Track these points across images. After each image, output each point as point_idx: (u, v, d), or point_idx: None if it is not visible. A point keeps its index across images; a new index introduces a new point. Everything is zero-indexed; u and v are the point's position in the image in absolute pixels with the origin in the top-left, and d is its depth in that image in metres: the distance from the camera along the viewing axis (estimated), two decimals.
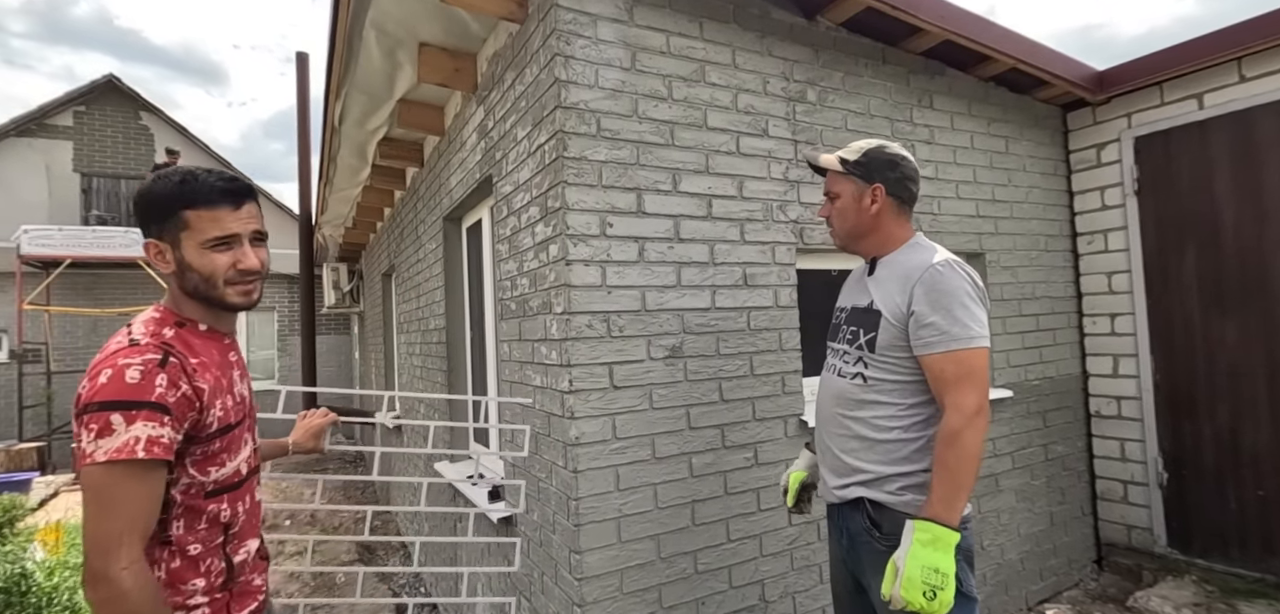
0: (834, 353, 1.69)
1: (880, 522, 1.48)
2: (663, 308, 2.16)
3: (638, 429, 2.09)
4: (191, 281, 1.15)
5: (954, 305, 1.40)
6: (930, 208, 2.89)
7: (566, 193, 2.00)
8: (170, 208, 1.13)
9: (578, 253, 2.01)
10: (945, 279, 1.43)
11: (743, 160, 2.36)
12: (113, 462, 0.97)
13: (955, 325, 1.39)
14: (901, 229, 1.60)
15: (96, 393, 0.99)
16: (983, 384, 1.38)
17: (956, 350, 1.38)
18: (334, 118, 3.84)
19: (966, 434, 1.33)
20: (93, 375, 1.02)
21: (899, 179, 1.58)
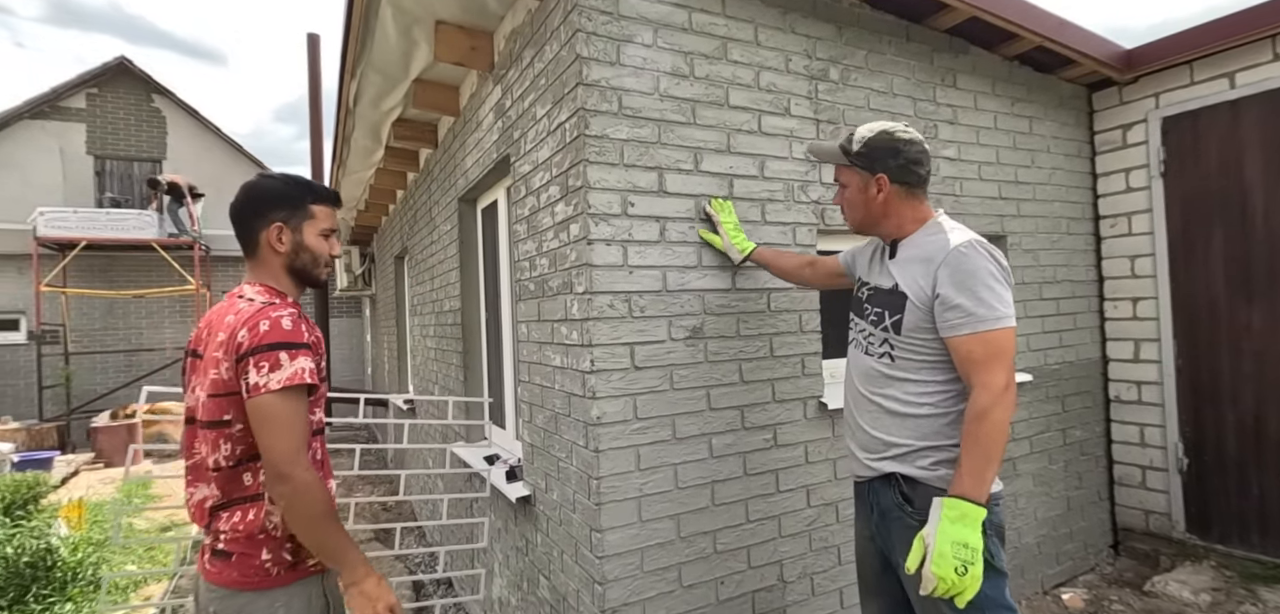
0: (858, 330, 1.69)
1: (912, 496, 1.49)
2: (684, 288, 2.15)
3: (658, 409, 2.09)
4: (304, 260, 1.46)
5: (979, 287, 1.39)
6: (952, 189, 2.85)
7: (588, 171, 1.99)
8: (301, 200, 1.45)
9: (599, 232, 2.00)
10: (969, 260, 1.42)
11: (764, 140, 2.34)
12: (286, 388, 1.24)
13: (981, 307, 1.38)
14: (916, 211, 1.59)
15: (262, 337, 1.25)
16: (1010, 363, 1.38)
17: (984, 331, 1.38)
18: (348, 98, 3.83)
19: (995, 411, 1.33)
20: (251, 326, 1.27)
21: (903, 165, 1.56)
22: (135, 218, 9.44)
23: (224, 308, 1.38)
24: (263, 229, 1.42)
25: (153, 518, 5.58)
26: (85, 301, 9.79)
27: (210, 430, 1.31)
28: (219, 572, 1.31)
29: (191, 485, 1.37)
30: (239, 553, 1.30)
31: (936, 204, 2.78)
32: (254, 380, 1.24)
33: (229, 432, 1.31)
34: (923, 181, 1.59)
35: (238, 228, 1.46)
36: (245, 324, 1.28)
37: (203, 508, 1.35)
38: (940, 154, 2.81)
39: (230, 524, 1.31)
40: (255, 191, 1.45)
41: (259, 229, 1.43)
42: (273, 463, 1.24)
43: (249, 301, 1.35)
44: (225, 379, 1.28)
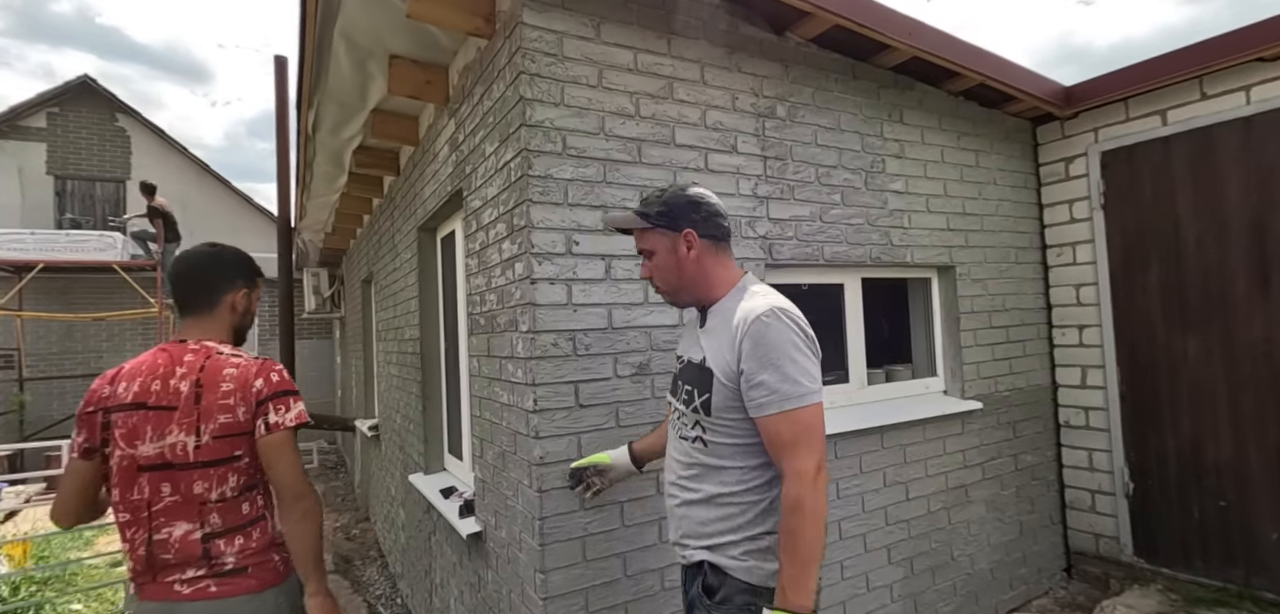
0: (674, 410, 1.57)
1: (716, 587, 1.39)
2: (630, 325, 2.16)
3: (603, 447, 2.09)
4: (246, 322, 1.73)
5: (783, 360, 1.29)
6: (900, 222, 2.91)
7: (531, 211, 2.00)
8: (256, 273, 1.75)
9: (543, 271, 2.01)
10: (772, 330, 1.31)
11: (711, 177, 2.37)
12: (297, 425, 1.55)
13: (786, 383, 1.28)
14: (725, 271, 1.49)
15: (276, 385, 1.55)
16: (819, 442, 1.28)
17: (790, 410, 1.28)
18: (307, 126, 3.80)
19: (808, 500, 1.23)
20: (265, 377, 1.54)
21: (706, 218, 1.47)
22: (96, 239, 9.21)
23: (191, 360, 1.53)
24: (227, 292, 1.66)
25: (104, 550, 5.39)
26: (41, 324, 9.50)
27: (215, 467, 1.49)
28: (234, 586, 1.49)
29: (164, 525, 1.47)
30: (255, 565, 1.52)
31: (884, 236, 2.86)
32: (273, 419, 1.51)
33: (238, 466, 1.51)
34: (727, 236, 1.50)
35: (197, 285, 1.63)
36: (257, 375, 1.53)
37: (188, 541, 1.47)
38: (888, 188, 2.88)
39: (239, 545, 1.51)
40: (226, 256, 1.71)
41: (224, 291, 1.66)
42: (291, 485, 1.53)
43: (234, 356, 1.57)
44: (240, 421, 1.49)
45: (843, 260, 2.72)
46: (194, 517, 1.46)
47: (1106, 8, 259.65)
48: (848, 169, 2.75)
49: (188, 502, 1.46)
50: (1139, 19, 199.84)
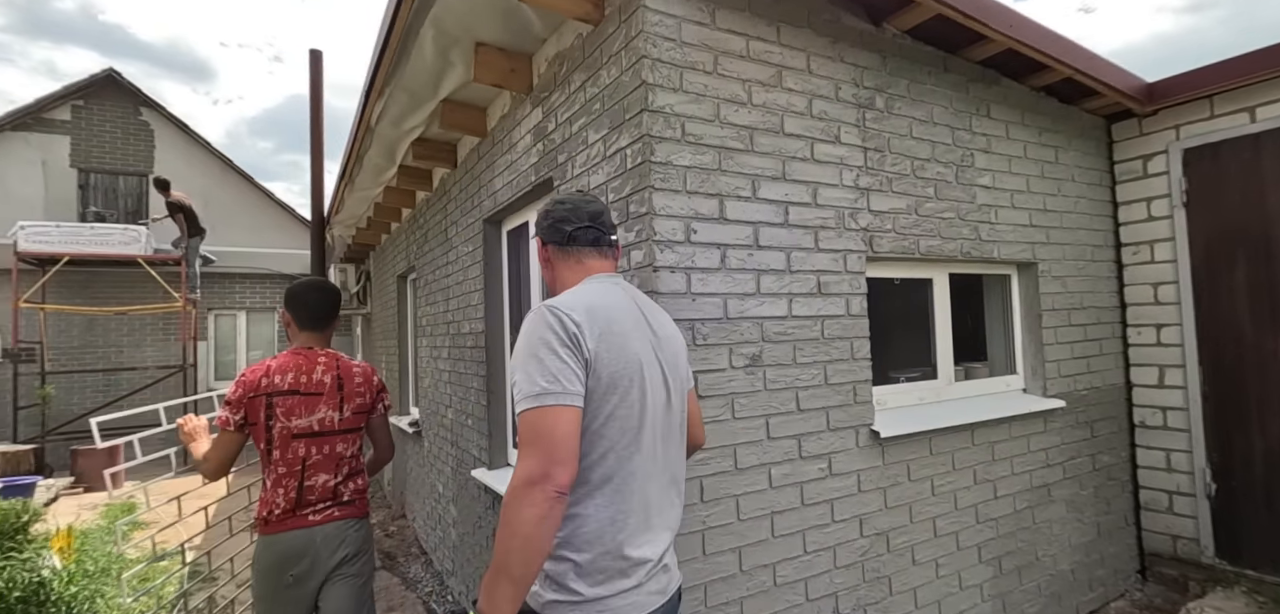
0: None
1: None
2: (743, 316, 2.13)
3: (720, 439, 2.05)
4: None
5: (527, 359, 1.20)
6: (988, 217, 2.88)
7: (654, 198, 1.96)
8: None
9: (664, 259, 1.97)
10: (527, 326, 1.25)
11: (817, 167, 2.34)
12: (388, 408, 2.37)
13: (525, 382, 1.18)
14: (572, 273, 1.42)
15: (382, 382, 2.36)
16: (541, 450, 1.12)
17: (522, 411, 1.17)
18: (370, 118, 3.77)
19: (509, 508, 1.11)
20: (376, 374, 2.34)
21: (551, 225, 1.45)
22: (120, 232, 9.16)
23: (325, 361, 2.21)
24: (338, 318, 2.37)
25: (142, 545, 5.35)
26: (63, 319, 9.45)
27: (351, 434, 2.20)
28: (348, 512, 2.17)
29: (313, 474, 2.10)
30: (360, 499, 2.23)
31: (975, 230, 2.83)
32: (386, 402, 2.36)
33: (360, 433, 2.26)
34: (572, 239, 1.42)
35: (331, 311, 2.31)
36: (372, 373, 2.33)
37: (327, 486, 2.13)
38: (977, 182, 2.85)
39: (356, 485, 2.21)
40: (339, 294, 2.38)
41: (337, 318, 2.35)
42: (389, 446, 2.45)
43: (350, 359, 2.29)
44: (367, 403, 2.27)
45: (936, 255, 2.68)
46: (333, 469, 2.14)
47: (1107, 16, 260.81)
48: (940, 162, 2.72)
49: (330, 458, 2.14)
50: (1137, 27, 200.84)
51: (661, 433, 1.32)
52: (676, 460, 1.39)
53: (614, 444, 1.23)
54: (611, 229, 1.47)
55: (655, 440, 1.30)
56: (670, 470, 1.35)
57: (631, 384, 1.24)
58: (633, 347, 1.26)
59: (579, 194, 1.51)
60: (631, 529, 1.23)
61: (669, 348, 1.39)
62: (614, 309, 1.29)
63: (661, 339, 1.37)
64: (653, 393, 1.29)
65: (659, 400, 1.31)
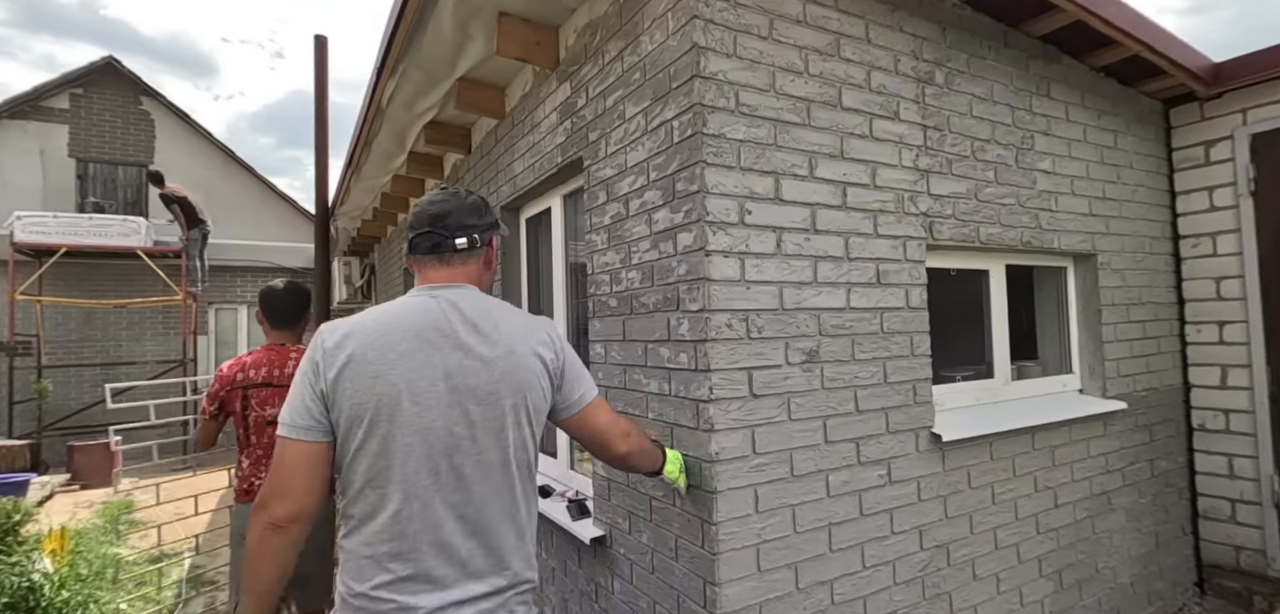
0: None
1: None
2: (800, 307, 1.93)
3: (776, 443, 1.85)
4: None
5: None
6: (1048, 205, 2.67)
7: (706, 175, 1.76)
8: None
9: (717, 242, 1.77)
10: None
11: (875, 145, 2.14)
12: None
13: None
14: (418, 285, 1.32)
15: None
16: (269, 479, 1.14)
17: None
18: (382, 98, 3.56)
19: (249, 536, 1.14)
20: None
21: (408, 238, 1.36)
22: (119, 224, 8.96)
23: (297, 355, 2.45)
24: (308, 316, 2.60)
25: (139, 546, 5.15)
26: (60, 311, 9.25)
27: None
28: None
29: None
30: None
31: (1035, 218, 2.63)
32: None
33: None
34: (413, 247, 1.32)
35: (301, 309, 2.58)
36: None
37: None
38: (1037, 167, 2.64)
39: None
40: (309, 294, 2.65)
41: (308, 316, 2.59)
42: None
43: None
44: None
45: (996, 243, 2.48)
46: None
47: None
48: (1000, 144, 2.52)
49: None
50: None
51: (452, 470, 1.16)
52: (486, 501, 1.19)
53: (370, 481, 1.14)
54: (461, 229, 1.29)
55: (437, 479, 1.16)
56: (473, 512, 1.18)
57: (378, 418, 1.13)
58: (392, 376, 1.14)
59: (438, 191, 1.36)
60: (398, 573, 1.13)
61: (491, 371, 1.20)
62: (390, 332, 1.17)
63: (484, 361, 1.20)
64: (424, 428, 1.15)
65: (439, 435, 1.16)
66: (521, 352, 1.24)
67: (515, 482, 1.23)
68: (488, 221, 1.35)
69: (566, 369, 1.33)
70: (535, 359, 1.26)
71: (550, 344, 1.30)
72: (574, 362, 1.36)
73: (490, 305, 1.27)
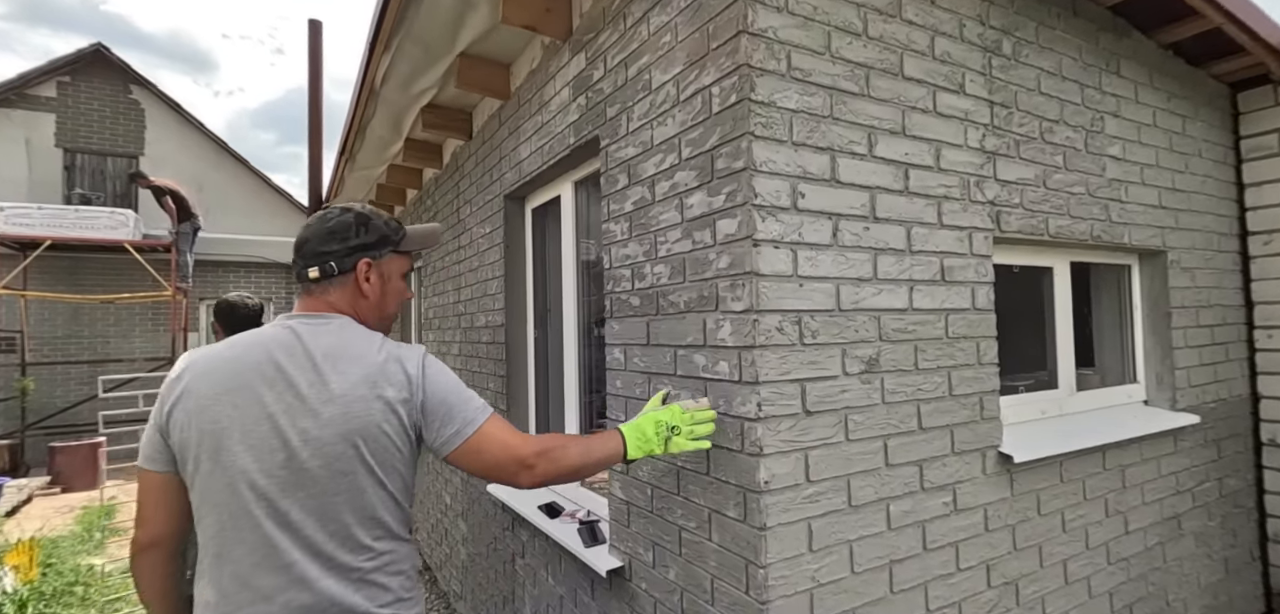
0: None
1: None
2: (858, 307, 1.65)
3: (832, 468, 1.57)
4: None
5: None
6: (1118, 194, 2.39)
7: (753, 149, 1.48)
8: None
9: (767, 230, 1.49)
10: None
11: (939, 122, 1.85)
12: None
13: None
14: None
15: None
16: (137, 505, 1.21)
17: None
18: (375, 78, 3.28)
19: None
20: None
21: None
22: (107, 216, 8.66)
23: None
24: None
25: (118, 555, 4.87)
26: (46, 306, 8.95)
27: None
28: None
29: None
30: None
31: (1105, 210, 2.35)
32: None
33: None
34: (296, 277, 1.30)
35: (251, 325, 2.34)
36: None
37: None
38: (1106, 153, 2.36)
39: None
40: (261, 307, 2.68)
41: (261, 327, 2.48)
42: None
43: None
44: None
45: (1065, 237, 2.20)
46: None
47: None
48: (1069, 125, 2.24)
49: None
50: None
51: (273, 514, 1.12)
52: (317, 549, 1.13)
53: (203, 518, 1.15)
54: (314, 258, 1.25)
55: (254, 523, 1.12)
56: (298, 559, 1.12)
57: (201, 454, 1.12)
58: (216, 411, 1.13)
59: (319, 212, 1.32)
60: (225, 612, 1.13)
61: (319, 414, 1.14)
62: (225, 366, 1.16)
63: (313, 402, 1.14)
64: (243, 468, 1.11)
65: (258, 477, 1.12)
66: (358, 395, 1.16)
67: (353, 529, 1.16)
68: (353, 244, 1.26)
69: (429, 405, 1.22)
70: (377, 401, 1.17)
71: (403, 383, 1.20)
72: (442, 396, 1.24)
73: (343, 340, 1.20)
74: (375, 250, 1.28)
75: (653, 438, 1.44)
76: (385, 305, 1.32)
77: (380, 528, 1.19)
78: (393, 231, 1.33)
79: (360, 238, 1.27)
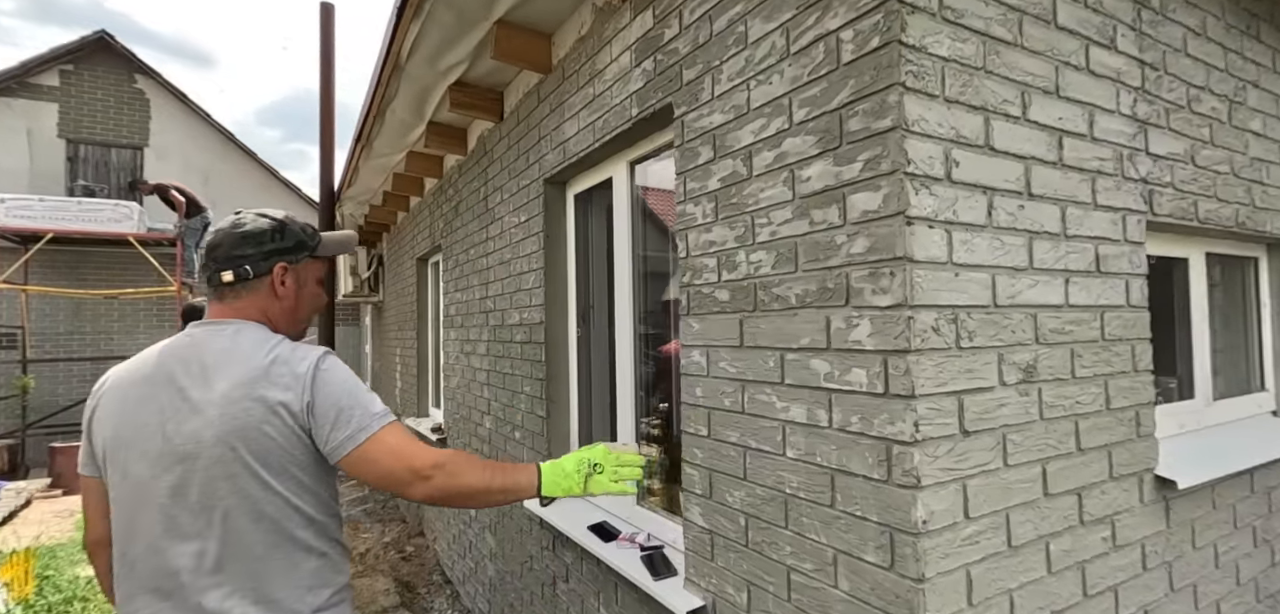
0: None
1: None
2: (1014, 303, 1.35)
3: (990, 501, 1.27)
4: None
5: None
6: (1260, 175, 2.09)
7: (905, 104, 1.18)
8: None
9: (920, 205, 1.19)
10: None
11: (1092, 82, 1.55)
12: None
13: None
14: None
15: None
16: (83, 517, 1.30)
17: None
18: (400, 51, 2.98)
19: None
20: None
21: None
22: (110, 209, 8.41)
23: None
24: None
25: None
26: (48, 302, 8.71)
27: None
28: None
29: None
30: None
31: (1248, 192, 2.04)
32: None
33: None
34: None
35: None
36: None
37: None
38: (1248, 127, 2.06)
39: None
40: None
41: None
42: None
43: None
44: None
45: (1213, 223, 1.90)
46: None
47: None
48: (1214, 94, 1.93)
49: None
50: None
51: (165, 522, 1.13)
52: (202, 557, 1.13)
53: (116, 522, 1.18)
54: (227, 261, 1.25)
55: (149, 532, 1.14)
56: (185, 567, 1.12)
57: (108, 464, 1.18)
58: (119, 421, 1.17)
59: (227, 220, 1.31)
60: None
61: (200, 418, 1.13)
62: (132, 376, 1.20)
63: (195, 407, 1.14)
64: (139, 477, 1.14)
65: (150, 485, 1.14)
66: (236, 396, 1.14)
67: (245, 536, 1.14)
68: (269, 249, 1.27)
69: (317, 407, 1.17)
70: (256, 403, 1.14)
71: (289, 384, 1.16)
72: (333, 399, 1.18)
73: (235, 343, 1.19)
74: (291, 255, 1.30)
75: (573, 474, 1.41)
76: (299, 309, 1.34)
77: (277, 533, 1.16)
78: (309, 237, 1.34)
79: (276, 243, 1.28)
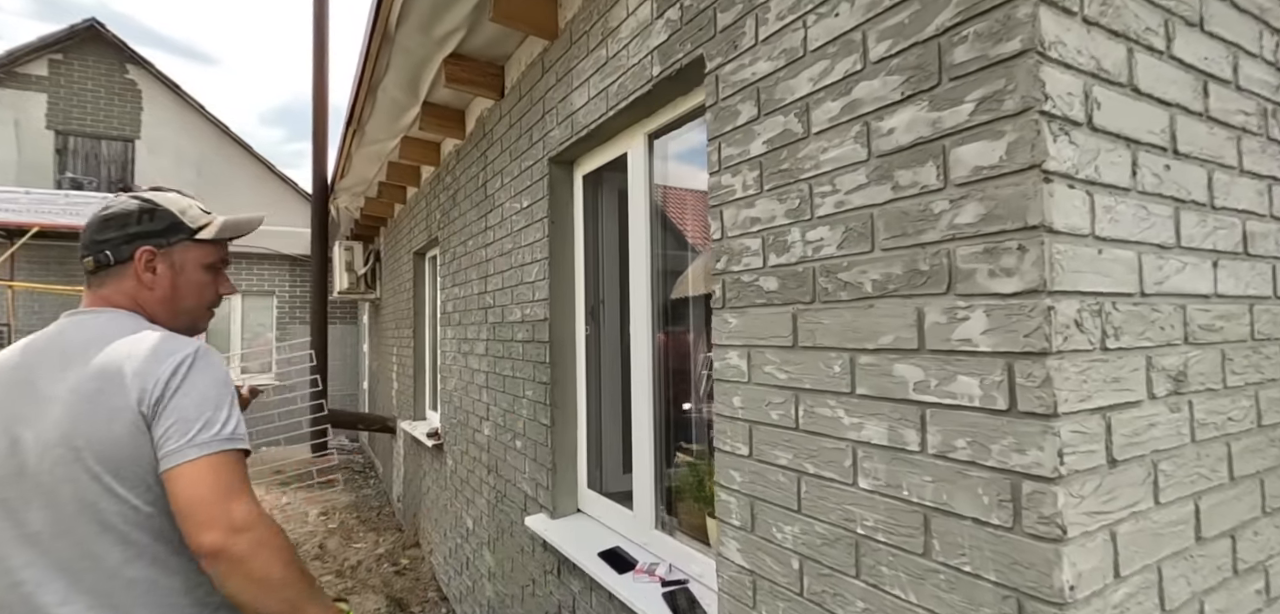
0: None
1: None
2: (1161, 291, 1.04)
3: (1140, 555, 0.97)
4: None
5: None
6: None
7: (1040, 19, 0.87)
8: None
9: (1059, 155, 0.88)
10: None
11: (1236, 17, 1.24)
12: None
13: None
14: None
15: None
16: None
17: None
18: (389, 16, 2.69)
19: None
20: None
21: None
22: (99, 202, 8.13)
23: None
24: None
25: None
26: (35, 297, 8.44)
27: None
28: None
29: None
30: None
31: None
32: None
33: None
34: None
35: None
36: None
37: None
38: None
39: None
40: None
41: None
42: None
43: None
44: None
45: None
46: None
47: None
48: None
49: None
50: None
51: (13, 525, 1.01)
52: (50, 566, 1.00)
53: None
54: (90, 247, 1.15)
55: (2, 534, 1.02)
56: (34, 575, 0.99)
57: None
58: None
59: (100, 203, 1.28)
60: None
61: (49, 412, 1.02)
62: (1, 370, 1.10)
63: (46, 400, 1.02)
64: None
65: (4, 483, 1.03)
66: (84, 391, 1.01)
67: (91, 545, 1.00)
68: (133, 232, 1.16)
69: (163, 408, 1.01)
70: (103, 398, 1.01)
71: (144, 378, 1.02)
72: (180, 405, 1.02)
73: (99, 334, 1.07)
74: (160, 238, 1.18)
75: None
76: (178, 298, 1.21)
77: (130, 547, 1.02)
78: (190, 219, 1.22)
79: (142, 225, 1.17)
